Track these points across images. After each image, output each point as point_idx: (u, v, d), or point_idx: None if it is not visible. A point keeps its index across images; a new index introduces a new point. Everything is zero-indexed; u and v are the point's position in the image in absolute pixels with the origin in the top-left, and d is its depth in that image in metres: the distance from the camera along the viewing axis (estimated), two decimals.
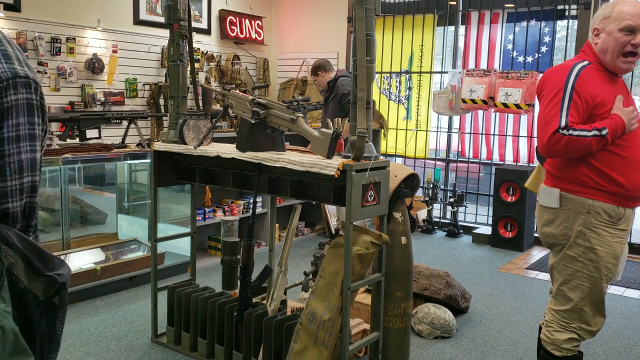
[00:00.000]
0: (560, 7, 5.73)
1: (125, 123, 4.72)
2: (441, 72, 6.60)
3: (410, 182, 2.88)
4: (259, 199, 5.03)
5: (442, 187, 6.48)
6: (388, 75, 6.73)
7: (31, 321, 0.95)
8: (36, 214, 1.03)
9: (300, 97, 2.73)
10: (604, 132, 2.18)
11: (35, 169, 1.00)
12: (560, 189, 2.33)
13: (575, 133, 2.18)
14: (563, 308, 2.37)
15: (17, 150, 0.97)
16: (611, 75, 2.32)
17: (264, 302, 3.05)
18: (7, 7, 4.79)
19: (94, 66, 5.33)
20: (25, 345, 0.88)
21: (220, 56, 6.57)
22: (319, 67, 5.34)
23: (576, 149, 2.20)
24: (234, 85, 6.48)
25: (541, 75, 5.61)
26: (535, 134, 5.85)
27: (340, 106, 5.17)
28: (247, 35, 6.79)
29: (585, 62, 2.30)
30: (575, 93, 2.21)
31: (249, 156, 2.66)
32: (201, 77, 6.29)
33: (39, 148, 1.01)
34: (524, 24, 5.90)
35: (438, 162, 6.63)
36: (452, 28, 6.45)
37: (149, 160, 3.97)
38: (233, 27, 6.62)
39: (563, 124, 2.19)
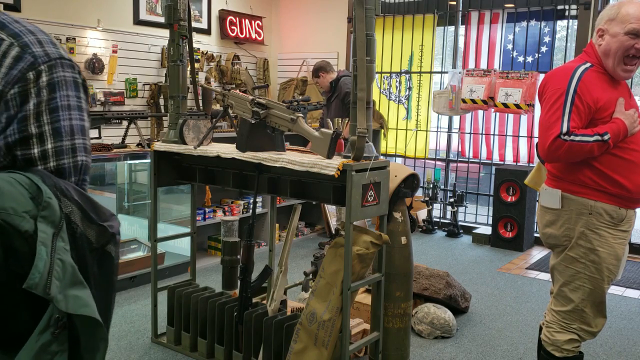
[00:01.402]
0: (560, 7, 5.73)
1: (125, 123, 4.72)
2: (441, 72, 6.60)
3: (410, 182, 2.88)
4: (259, 199, 5.03)
5: (442, 187, 6.49)
6: (388, 75, 6.73)
7: (85, 263, 1.06)
8: (88, 171, 1.17)
9: (300, 97, 2.73)
10: (605, 137, 2.17)
11: (85, 134, 1.16)
12: (562, 190, 2.32)
13: (577, 139, 2.17)
14: (564, 309, 2.37)
15: (68, 116, 1.13)
16: (613, 78, 2.30)
17: (264, 302, 3.06)
18: (7, 7, 4.79)
19: (94, 66, 5.33)
20: (81, 278, 0.99)
21: (220, 56, 6.57)
22: (320, 69, 5.34)
23: (578, 154, 2.19)
24: (234, 85, 6.49)
25: (541, 75, 5.66)
26: (535, 134, 5.88)
27: (343, 105, 5.18)
28: (247, 35, 6.79)
29: (588, 65, 2.27)
30: (577, 97, 2.19)
31: (249, 156, 2.66)
32: (201, 77, 6.29)
33: (87, 118, 1.17)
34: (524, 24, 5.90)
35: (438, 162, 6.63)
36: (452, 28, 6.45)
37: (149, 160, 3.97)
38: (233, 27, 6.62)
39: (564, 129, 2.18)
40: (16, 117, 1.09)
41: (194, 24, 5.05)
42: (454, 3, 6.34)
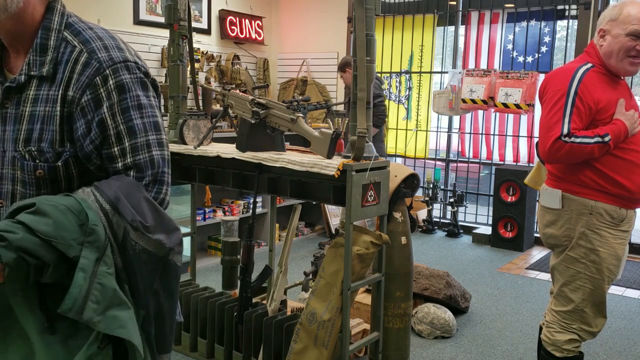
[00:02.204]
0: (560, 7, 5.73)
1: None
2: (441, 72, 6.60)
3: (410, 182, 2.88)
4: (259, 199, 5.03)
5: (442, 187, 6.49)
6: (388, 75, 6.73)
7: (146, 277, 1.14)
8: (166, 163, 1.25)
9: (300, 97, 2.73)
10: (606, 139, 2.17)
11: (159, 129, 1.24)
12: (563, 190, 2.32)
13: (578, 140, 2.17)
14: (564, 309, 2.37)
15: (139, 115, 1.21)
16: (614, 78, 2.30)
17: (264, 302, 3.05)
18: None
19: None
20: (124, 299, 1.07)
21: (220, 56, 6.57)
22: (347, 64, 5.23)
23: (578, 155, 2.19)
24: (234, 85, 6.48)
25: (541, 75, 5.66)
26: (535, 134, 5.88)
27: None
28: (247, 35, 6.79)
29: (589, 65, 2.27)
30: (578, 99, 2.18)
31: (249, 156, 2.66)
32: (201, 77, 6.28)
33: (159, 114, 1.25)
34: (524, 24, 5.90)
35: (438, 162, 6.63)
36: (452, 28, 6.45)
37: None
38: (233, 27, 6.62)
39: (565, 131, 2.18)
40: (94, 120, 1.18)
41: (194, 24, 5.05)
42: (454, 3, 6.34)
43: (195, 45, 5.59)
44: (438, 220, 6.56)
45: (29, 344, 1.07)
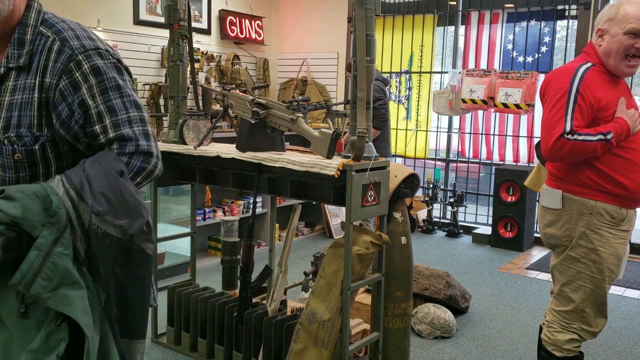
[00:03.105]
0: (560, 7, 5.73)
1: None
2: (441, 72, 6.60)
3: (410, 182, 2.88)
4: (259, 199, 5.03)
5: (442, 187, 6.49)
6: (388, 75, 6.73)
7: (108, 259, 1.18)
8: (152, 138, 1.32)
9: (300, 97, 2.73)
10: (609, 137, 2.17)
11: (140, 107, 1.32)
12: (563, 190, 2.32)
13: (580, 138, 2.17)
14: (564, 309, 2.37)
15: (118, 94, 1.29)
16: (614, 77, 2.30)
17: (264, 302, 3.06)
18: None
19: None
20: (76, 279, 1.12)
21: (220, 56, 6.57)
22: None
23: (581, 153, 2.19)
24: (234, 86, 6.48)
25: (541, 75, 5.66)
26: (534, 134, 5.88)
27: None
28: (247, 36, 6.79)
29: (589, 64, 2.28)
30: (580, 97, 2.19)
31: (249, 156, 2.66)
32: (201, 77, 6.28)
33: (135, 95, 1.33)
34: (524, 24, 5.90)
35: (438, 162, 6.63)
36: (452, 28, 6.45)
37: None
38: (233, 27, 6.62)
39: (568, 128, 2.17)
40: (74, 102, 1.27)
41: (194, 24, 5.05)
42: (454, 3, 6.34)
43: (195, 45, 5.60)
44: (438, 220, 6.56)
45: (7, 330, 1.14)
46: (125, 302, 1.22)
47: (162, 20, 3.98)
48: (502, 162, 6.16)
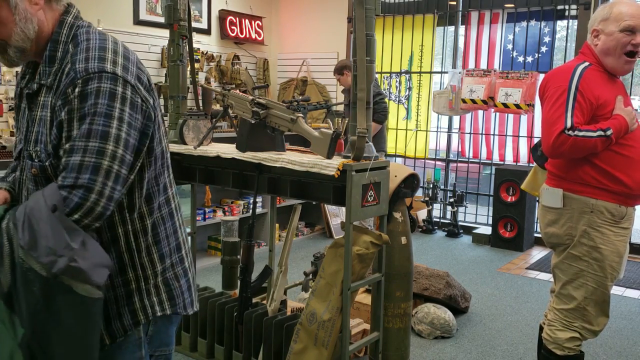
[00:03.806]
0: (560, 7, 5.73)
1: None
2: (441, 72, 6.60)
3: (410, 182, 2.88)
4: (259, 199, 5.03)
5: (442, 187, 6.48)
6: (388, 75, 6.73)
7: (21, 294, 1.16)
8: (103, 174, 1.21)
9: (300, 97, 2.73)
10: (608, 133, 2.20)
11: (106, 139, 1.21)
12: (564, 189, 2.34)
13: (581, 134, 2.20)
14: (566, 307, 2.38)
15: (90, 121, 1.21)
16: (610, 76, 2.34)
17: (264, 302, 3.05)
18: None
19: None
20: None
21: (220, 56, 6.57)
22: (345, 67, 5.22)
23: (582, 149, 2.21)
24: (234, 86, 6.48)
25: (541, 75, 5.66)
26: (534, 134, 5.88)
27: None
28: (247, 35, 6.79)
29: (587, 64, 2.31)
30: (579, 94, 2.22)
31: (249, 156, 2.66)
32: (201, 77, 6.28)
33: (115, 126, 1.23)
34: (524, 24, 5.90)
35: (438, 162, 6.63)
36: (452, 28, 6.45)
37: None
38: (233, 27, 6.62)
39: (569, 124, 2.20)
40: (57, 122, 1.25)
41: (194, 24, 5.04)
42: (454, 3, 6.34)
43: (195, 45, 5.59)
44: (438, 220, 6.56)
45: None
46: (48, 343, 1.16)
47: (162, 20, 3.98)
48: (502, 162, 6.16)
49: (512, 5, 5.95)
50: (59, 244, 1.14)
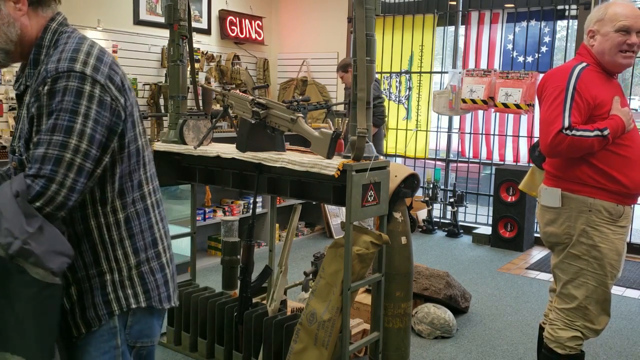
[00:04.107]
0: (560, 7, 5.73)
1: None
2: (441, 72, 6.60)
3: (410, 182, 2.88)
4: (259, 199, 5.03)
5: (442, 187, 6.48)
6: (388, 75, 6.73)
7: None
8: (65, 166, 1.28)
9: (300, 97, 2.73)
10: (605, 133, 2.22)
11: (70, 134, 1.28)
12: (562, 188, 2.37)
13: (578, 133, 2.22)
14: (568, 306, 2.40)
15: (56, 117, 1.28)
16: (608, 77, 2.38)
17: (264, 302, 3.05)
18: None
19: None
20: None
21: (220, 56, 6.57)
22: (349, 65, 5.25)
23: (579, 148, 2.24)
24: (234, 86, 6.48)
25: (541, 75, 5.66)
26: (534, 134, 5.88)
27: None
28: (247, 35, 6.79)
29: (584, 64, 2.35)
30: (577, 94, 2.25)
31: (249, 156, 2.66)
32: (201, 77, 6.28)
33: (80, 122, 1.29)
34: (524, 24, 5.90)
35: (438, 162, 6.63)
36: (452, 28, 6.45)
37: None
38: (233, 27, 6.62)
39: (566, 124, 2.23)
40: (29, 118, 1.33)
41: (194, 24, 5.04)
42: (454, 3, 6.34)
43: (195, 45, 5.59)
44: (438, 220, 6.56)
45: None
46: (4, 325, 1.23)
47: (162, 20, 3.98)
48: (502, 162, 6.16)
49: (512, 5, 5.95)
50: (16, 226, 1.21)
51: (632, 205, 2.40)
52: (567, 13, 5.77)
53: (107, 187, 1.39)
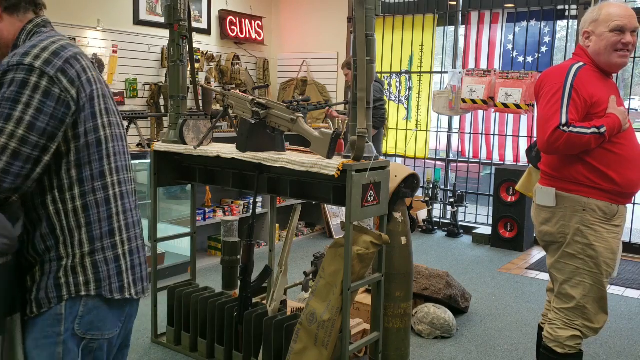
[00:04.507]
0: (560, 7, 5.73)
1: (125, 123, 4.71)
2: (441, 72, 6.60)
3: (410, 182, 2.88)
4: (259, 199, 5.03)
5: (442, 187, 6.49)
6: (388, 75, 6.73)
7: None
8: (2, 151, 1.34)
9: (300, 97, 2.73)
10: (602, 130, 2.25)
11: (9, 120, 1.35)
12: (556, 188, 2.39)
13: (576, 130, 2.25)
14: (566, 306, 2.42)
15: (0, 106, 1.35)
16: (604, 77, 2.41)
17: (264, 302, 3.06)
18: None
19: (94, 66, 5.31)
20: None
21: (220, 56, 6.57)
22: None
23: (576, 145, 2.26)
24: (234, 86, 6.48)
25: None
26: (534, 134, 5.87)
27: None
28: (247, 36, 6.79)
29: (581, 63, 2.38)
30: (574, 92, 2.28)
31: (249, 156, 2.66)
32: (201, 77, 6.28)
33: (20, 109, 1.35)
34: (524, 24, 5.90)
35: (438, 162, 6.63)
36: (452, 28, 6.45)
37: (149, 161, 3.96)
38: (233, 27, 6.62)
39: (564, 120, 2.26)
40: None
41: (194, 24, 5.05)
42: (454, 3, 6.34)
43: (195, 46, 5.59)
44: (438, 220, 6.56)
45: None
46: None
47: (162, 20, 3.98)
48: (502, 162, 6.16)
49: (512, 5, 5.95)
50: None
51: (626, 205, 2.43)
52: (567, 13, 5.77)
53: (63, 174, 1.43)
